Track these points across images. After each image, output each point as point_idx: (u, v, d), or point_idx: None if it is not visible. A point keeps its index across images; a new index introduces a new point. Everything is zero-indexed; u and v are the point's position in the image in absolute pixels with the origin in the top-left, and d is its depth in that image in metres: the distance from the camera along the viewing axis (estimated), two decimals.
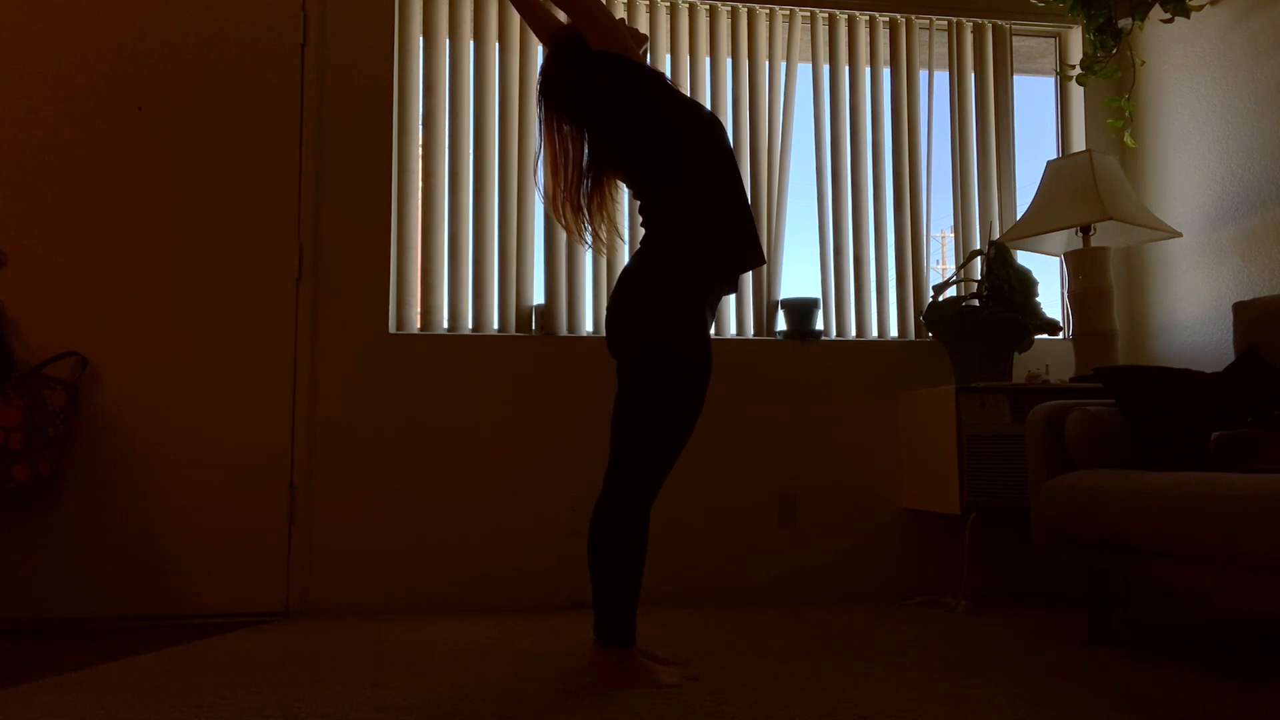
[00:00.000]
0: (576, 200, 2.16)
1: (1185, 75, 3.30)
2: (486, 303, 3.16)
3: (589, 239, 2.20)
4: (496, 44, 3.25)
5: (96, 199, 2.93)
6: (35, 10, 2.94)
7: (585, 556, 3.02)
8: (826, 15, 3.44)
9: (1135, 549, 2.09)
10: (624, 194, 2.49)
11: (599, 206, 2.19)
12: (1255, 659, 2.19)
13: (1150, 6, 3.23)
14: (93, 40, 2.96)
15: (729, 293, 2.13)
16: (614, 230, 2.23)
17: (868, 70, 3.49)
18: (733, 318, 3.30)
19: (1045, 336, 3.40)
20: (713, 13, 3.38)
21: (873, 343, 3.34)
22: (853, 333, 3.38)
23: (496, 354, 3.10)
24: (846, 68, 3.47)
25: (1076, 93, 3.58)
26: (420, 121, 3.20)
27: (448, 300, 3.15)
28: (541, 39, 2.26)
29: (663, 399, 1.92)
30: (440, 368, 3.07)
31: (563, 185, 2.15)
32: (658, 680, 1.91)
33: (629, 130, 2.05)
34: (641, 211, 2.08)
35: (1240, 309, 2.67)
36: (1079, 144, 3.56)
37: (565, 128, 2.14)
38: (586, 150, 2.16)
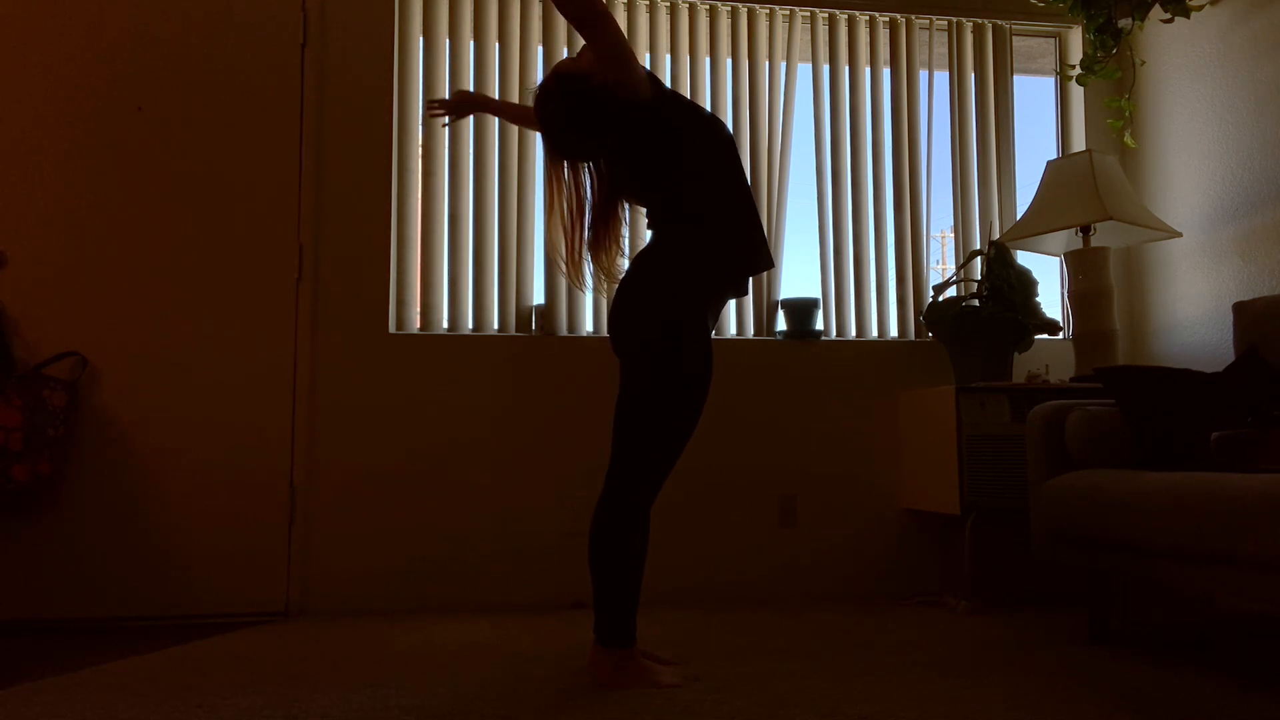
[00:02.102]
0: (589, 242, 2.13)
1: (1185, 75, 3.30)
2: (486, 303, 3.16)
3: (603, 282, 2.17)
4: (496, 44, 3.25)
5: (96, 199, 2.93)
6: (35, 11, 2.94)
7: (585, 556, 3.02)
8: (826, 15, 3.44)
9: (1135, 549, 2.09)
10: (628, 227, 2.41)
11: (612, 241, 2.14)
12: (1255, 659, 2.19)
13: (1150, 6, 3.23)
14: (93, 40, 2.96)
15: (739, 295, 2.12)
16: (616, 267, 2.18)
17: (868, 70, 3.49)
18: (733, 318, 3.30)
19: (1045, 336, 3.40)
20: (713, 13, 3.38)
21: (873, 343, 3.34)
22: (853, 333, 3.38)
23: (496, 354, 3.10)
24: (846, 68, 3.47)
25: (1076, 93, 3.58)
26: (420, 121, 3.20)
27: (448, 300, 3.15)
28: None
29: (661, 400, 1.92)
30: (440, 368, 3.07)
31: (579, 234, 2.11)
32: (658, 680, 1.91)
33: (633, 131, 2.05)
34: (648, 215, 2.08)
35: (1240, 309, 2.67)
36: (1079, 144, 3.56)
37: (575, 170, 2.10)
38: (596, 186, 2.12)
